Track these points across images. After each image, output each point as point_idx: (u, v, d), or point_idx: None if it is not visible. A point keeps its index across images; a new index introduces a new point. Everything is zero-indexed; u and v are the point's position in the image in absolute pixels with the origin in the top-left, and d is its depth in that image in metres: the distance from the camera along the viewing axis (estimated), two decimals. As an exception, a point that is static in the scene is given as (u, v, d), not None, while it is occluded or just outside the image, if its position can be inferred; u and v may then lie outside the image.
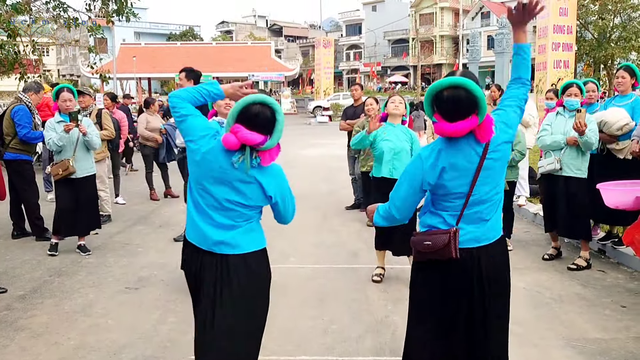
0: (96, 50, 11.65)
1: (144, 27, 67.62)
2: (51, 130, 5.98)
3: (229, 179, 2.60)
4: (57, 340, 4.09)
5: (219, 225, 2.65)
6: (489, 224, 2.71)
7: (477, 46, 40.28)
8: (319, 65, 33.78)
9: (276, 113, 2.59)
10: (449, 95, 2.51)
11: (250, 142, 2.51)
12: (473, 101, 2.49)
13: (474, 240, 2.68)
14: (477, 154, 2.59)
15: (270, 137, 2.57)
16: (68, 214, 6.07)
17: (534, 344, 4.00)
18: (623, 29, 18.74)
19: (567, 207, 5.60)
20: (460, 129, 2.49)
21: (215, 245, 2.66)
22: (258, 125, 2.54)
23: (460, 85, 2.49)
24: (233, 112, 2.56)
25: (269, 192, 2.66)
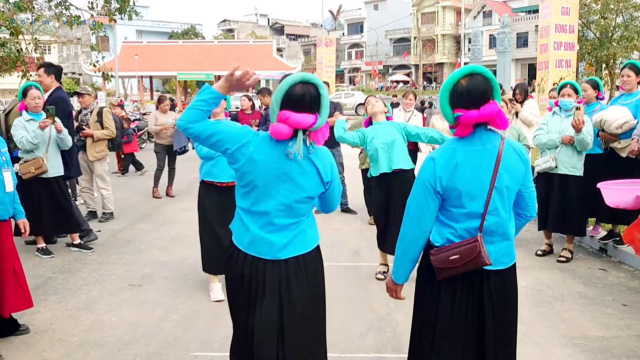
0: (98, 48, 11.69)
1: (146, 26, 67.64)
2: (21, 128, 5.74)
3: (285, 173, 2.46)
4: (60, 336, 4.11)
5: (281, 228, 2.52)
6: (506, 244, 2.54)
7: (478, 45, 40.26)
8: (320, 64, 33.79)
9: (319, 88, 2.46)
10: (469, 83, 2.42)
11: (303, 125, 2.39)
12: (490, 86, 2.44)
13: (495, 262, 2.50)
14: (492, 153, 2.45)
15: (320, 115, 2.46)
16: (37, 213, 5.75)
17: (536, 342, 4.01)
18: (625, 28, 18.71)
19: (561, 203, 5.71)
20: (487, 112, 2.37)
21: (280, 251, 2.52)
22: (306, 106, 2.41)
23: (475, 72, 2.44)
24: (276, 97, 2.42)
25: (326, 178, 2.56)
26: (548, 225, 5.94)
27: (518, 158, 2.52)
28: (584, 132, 5.36)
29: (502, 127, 2.45)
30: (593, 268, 5.69)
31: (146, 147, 16.91)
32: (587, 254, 6.22)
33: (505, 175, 2.47)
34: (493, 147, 2.46)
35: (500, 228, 2.52)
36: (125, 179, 11.21)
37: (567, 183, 5.70)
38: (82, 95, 7.66)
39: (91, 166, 7.65)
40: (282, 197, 2.49)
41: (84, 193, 7.79)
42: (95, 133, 7.46)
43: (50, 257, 6.04)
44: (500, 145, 2.47)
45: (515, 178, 2.51)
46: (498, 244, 2.53)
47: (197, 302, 4.78)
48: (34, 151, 5.82)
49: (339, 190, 2.72)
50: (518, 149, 2.54)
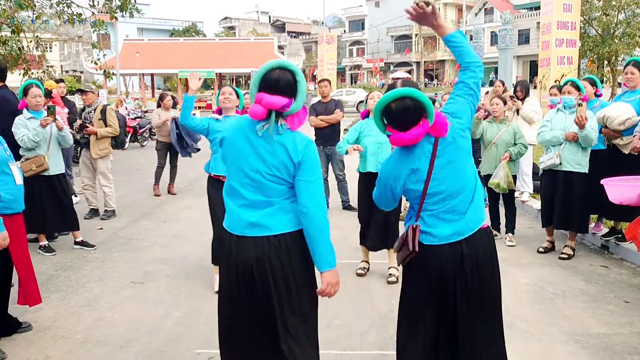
0: (99, 46, 11.68)
1: (147, 23, 67.61)
2: (22, 127, 5.74)
3: (253, 150, 2.60)
4: (63, 334, 4.12)
5: (252, 204, 2.62)
6: (467, 216, 2.69)
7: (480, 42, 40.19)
8: (321, 62, 33.70)
9: (296, 74, 2.59)
10: (397, 107, 2.55)
11: (275, 106, 2.53)
12: (420, 107, 2.54)
13: (457, 234, 2.67)
14: (428, 152, 2.62)
15: (295, 100, 2.59)
16: (38, 211, 5.80)
17: (537, 339, 4.02)
18: (627, 25, 18.65)
19: (565, 200, 5.73)
20: (415, 135, 2.54)
21: (247, 228, 2.61)
22: (280, 90, 2.55)
23: (404, 95, 2.54)
24: (254, 81, 2.58)
25: (295, 158, 2.57)
26: (554, 222, 5.94)
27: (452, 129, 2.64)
28: (588, 128, 5.37)
29: (439, 135, 2.57)
30: (595, 265, 5.68)
31: (147, 145, 16.92)
32: (588, 250, 6.21)
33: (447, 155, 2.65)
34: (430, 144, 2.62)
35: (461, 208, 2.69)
36: (127, 176, 11.22)
37: (571, 180, 5.71)
38: (85, 93, 7.66)
39: (94, 164, 7.65)
40: (248, 170, 2.61)
41: (87, 190, 7.80)
42: (99, 131, 7.46)
43: (52, 255, 6.05)
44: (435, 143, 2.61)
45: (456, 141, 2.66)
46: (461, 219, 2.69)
47: (199, 300, 4.79)
48: (35, 149, 5.82)
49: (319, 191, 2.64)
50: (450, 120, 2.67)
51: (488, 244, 2.75)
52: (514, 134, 6.38)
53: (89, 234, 6.92)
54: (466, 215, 2.68)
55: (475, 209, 2.71)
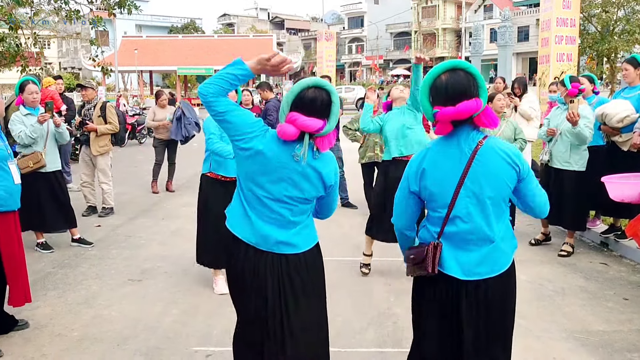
0: (97, 43, 11.65)
1: (145, 20, 67.45)
2: (19, 123, 5.71)
3: (288, 174, 2.48)
4: (60, 331, 4.10)
5: (278, 222, 2.53)
6: (484, 251, 2.39)
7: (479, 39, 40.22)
8: (320, 59, 33.65)
9: (332, 95, 2.47)
10: (448, 78, 2.33)
11: (310, 129, 2.40)
12: (473, 81, 2.33)
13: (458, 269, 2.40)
14: (465, 154, 2.35)
15: (328, 121, 2.47)
16: (36, 208, 5.81)
17: (537, 336, 4.00)
18: (627, 22, 18.61)
19: (557, 195, 5.76)
20: (463, 109, 2.27)
21: (275, 245, 2.53)
22: (316, 111, 2.43)
23: (457, 67, 2.35)
24: (288, 98, 2.45)
25: (329, 182, 2.56)
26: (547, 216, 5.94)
27: (502, 160, 2.34)
28: (581, 125, 5.34)
29: (489, 126, 2.34)
30: (594, 262, 5.67)
31: (146, 142, 16.89)
32: (588, 248, 6.20)
33: (482, 179, 2.34)
34: (469, 149, 2.34)
35: (476, 235, 2.38)
36: (125, 174, 11.19)
37: (561, 177, 5.80)
38: (85, 89, 7.62)
39: (94, 160, 7.63)
40: (281, 190, 2.50)
41: (85, 188, 7.78)
42: (98, 127, 7.44)
43: (50, 252, 6.03)
44: (476, 146, 2.34)
45: (496, 182, 2.35)
46: (474, 253, 2.39)
47: (197, 297, 4.77)
48: (32, 146, 5.79)
49: (336, 197, 2.75)
50: (503, 150, 2.36)
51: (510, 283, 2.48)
52: (514, 129, 6.38)
53: (86, 231, 6.90)
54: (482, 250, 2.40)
55: (504, 242, 2.43)
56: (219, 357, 3.71)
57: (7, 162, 3.98)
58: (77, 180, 8.71)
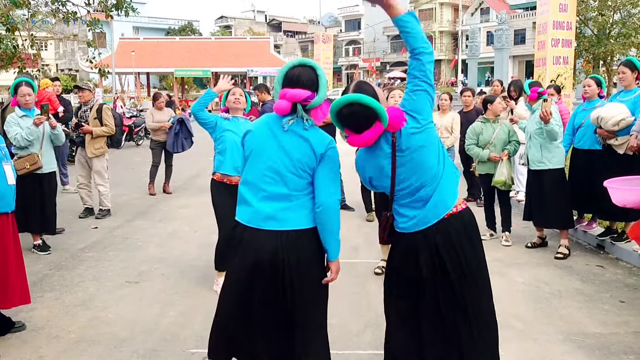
0: (95, 44, 11.62)
1: (142, 22, 67.38)
2: (14, 125, 5.70)
3: (278, 142, 2.72)
4: (57, 333, 4.10)
5: (271, 196, 2.71)
6: (430, 203, 2.69)
7: (476, 42, 40.30)
8: (318, 61, 33.71)
9: (316, 69, 2.75)
10: (347, 113, 2.58)
11: (299, 98, 2.66)
12: (370, 112, 2.54)
13: (423, 222, 2.70)
14: (388, 152, 2.66)
15: (317, 93, 2.72)
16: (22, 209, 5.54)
17: (534, 338, 4.01)
18: (623, 25, 18.67)
19: (539, 197, 5.99)
20: (369, 138, 2.58)
21: (263, 221, 2.71)
22: (302, 84, 2.69)
23: (353, 101, 2.55)
24: (278, 78, 2.74)
25: (318, 151, 2.70)
26: (534, 218, 6.20)
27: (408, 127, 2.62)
28: (552, 122, 5.60)
29: (394, 129, 2.58)
30: (590, 265, 5.69)
31: (143, 144, 16.88)
32: (584, 250, 6.22)
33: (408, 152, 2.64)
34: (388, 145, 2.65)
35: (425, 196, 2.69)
36: (121, 175, 11.18)
37: (541, 177, 5.97)
38: (82, 90, 7.61)
39: (90, 162, 7.63)
40: (272, 162, 2.72)
41: (81, 189, 7.77)
42: (94, 130, 7.43)
43: (47, 254, 6.02)
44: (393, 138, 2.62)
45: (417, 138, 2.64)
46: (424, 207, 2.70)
47: (195, 299, 4.77)
48: (28, 147, 5.78)
49: (337, 187, 2.79)
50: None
51: (462, 226, 2.73)
52: (508, 132, 6.43)
53: (83, 233, 6.90)
54: (430, 203, 2.68)
55: (441, 194, 2.70)
56: (216, 359, 3.70)
57: (1, 163, 3.95)
58: (74, 182, 8.70)
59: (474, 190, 8.58)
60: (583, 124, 6.15)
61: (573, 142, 6.40)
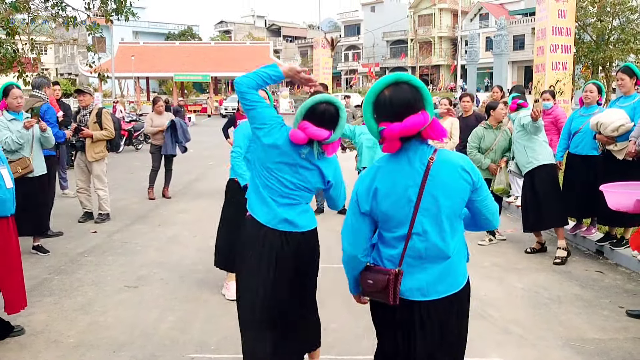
0: (94, 49, 11.65)
1: (142, 27, 67.53)
2: (4, 129, 5.60)
3: (294, 164, 2.95)
4: (56, 338, 4.09)
5: (283, 205, 2.99)
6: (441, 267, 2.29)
7: (475, 47, 40.33)
8: (317, 66, 33.71)
9: (340, 110, 2.91)
10: (392, 93, 2.20)
11: (318, 138, 2.84)
12: (418, 94, 2.20)
13: (419, 291, 2.28)
14: (418, 172, 2.22)
15: (334, 132, 2.91)
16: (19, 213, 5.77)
17: (533, 344, 4.01)
18: (622, 31, 18.75)
19: (532, 198, 6.10)
20: (411, 124, 2.15)
21: (280, 223, 2.97)
22: (324, 122, 2.87)
23: (400, 80, 2.21)
24: (302, 109, 2.89)
25: (328, 177, 3.05)
26: (531, 224, 6.21)
27: (456, 174, 2.24)
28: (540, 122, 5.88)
29: (437, 138, 2.24)
30: (590, 270, 5.69)
31: (142, 148, 16.89)
32: (583, 256, 6.22)
33: (438, 196, 2.22)
34: (421, 165, 2.22)
35: (432, 253, 2.27)
36: (121, 180, 11.18)
37: (532, 177, 6.05)
38: (83, 94, 7.62)
39: (89, 167, 7.63)
40: (289, 179, 2.97)
41: (81, 194, 7.77)
42: (94, 134, 7.44)
43: (46, 255, 6.02)
44: (429, 162, 2.22)
45: (451, 197, 2.24)
46: (430, 270, 2.28)
47: (194, 304, 4.76)
48: (18, 151, 5.70)
49: (342, 193, 3.24)
50: (456, 163, 2.26)
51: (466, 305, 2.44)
52: (509, 138, 6.45)
53: (82, 238, 6.90)
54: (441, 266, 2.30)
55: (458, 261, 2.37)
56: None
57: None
58: (73, 187, 8.70)
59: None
60: (581, 130, 6.16)
61: (569, 147, 6.42)
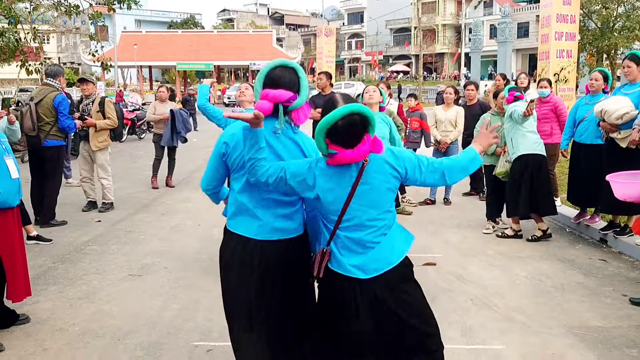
0: (97, 38, 11.64)
1: (145, 15, 67.40)
2: None
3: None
4: (61, 326, 4.12)
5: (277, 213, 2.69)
6: (374, 252, 2.53)
7: (479, 35, 40.19)
8: (320, 54, 33.59)
9: (297, 71, 2.70)
10: (345, 124, 2.42)
11: (281, 99, 2.61)
12: (366, 122, 2.45)
13: (359, 268, 2.52)
14: (352, 175, 2.51)
15: (299, 94, 2.67)
16: None
17: (536, 332, 4.02)
18: (627, 18, 18.63)
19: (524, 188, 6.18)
20: (362, 153, 2.45)
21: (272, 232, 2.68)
22: (284, 85, 2.64)
23: (353, 112, 2.42)
24: (259, 79, 2.68)
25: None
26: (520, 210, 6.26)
27: (385, 173, 2.52)
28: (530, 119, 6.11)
29: (377, 152, 2.50)
30: (593, 258, 5.69)
31: (145, 137, 16.89)
32: (587, 244, 6.22)
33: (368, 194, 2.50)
34: (356, 168, 2.51)
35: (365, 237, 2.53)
36: (124, 169, 11.20)
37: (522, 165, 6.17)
38: (86, 82, 7.62)
39: (93, 156, 7.64)
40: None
41: (85, 183, 7.79)
42: (97, 123, 7.44)
43: (49, 244, 6.06)
44: (362, 166, 2.49)
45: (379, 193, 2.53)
46: (367, 253, 2.53)
47: (197, 292, 4.78)
48: None
49: None
50: (386, 162, 2.53)
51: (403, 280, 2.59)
52: None
53: (87, 227, 6.92)
54: (373, 252, 2.54)
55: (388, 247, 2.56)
56: (219, 352, 3.72)
57: (2, 158, 3.96)
58: (77, 176, 8.72)
59: (476, 184, 8.58)
60: (586, 118, 6.14)
61: (574, 136, 6.40)
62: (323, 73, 8.66)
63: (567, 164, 6.57)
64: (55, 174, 7.06)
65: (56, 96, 6.85)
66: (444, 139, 7.99)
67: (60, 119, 6.84)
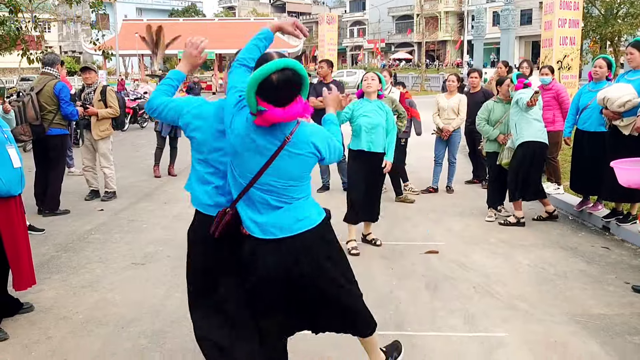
0: (98, 26, 11.59)
1: (146, 3, 67.13)
2: None
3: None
4: (65, 314, 4.13)
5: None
6: (276, 215, 2.56)
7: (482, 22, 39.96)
8: (322, 42, 33.40)
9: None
10: (279, 78, 2.32)
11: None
12: (299, 81, 2.39)
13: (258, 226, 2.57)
14: (276, 143, 2.47)
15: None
16: None
17: (538, 319, 4.03)
18: (630, 5, 18.49)
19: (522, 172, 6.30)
20: (293, 113, 2.38)
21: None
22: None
23: (286, 67, 2.34)
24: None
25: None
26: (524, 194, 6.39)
27: (306, 150, 2.54)
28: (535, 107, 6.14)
29: (305, 117, 2.52)
30: (596, 246, 5.69)
31: (147, 126, 16.88)
32: (590, 232, 6.21)
33: (285, 167, 2.51)
34: (282, 135, 2.47)
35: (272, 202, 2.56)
36: (126, 158, 11.20)
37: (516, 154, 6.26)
38: (89, 71, 7.60)
39: (95, 145, 7.64)
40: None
41: (87, 172, 7.79)
42: (99, 111, 7.43)
43: (57, 233, 6.08)
44: (288, 136, 2.47)
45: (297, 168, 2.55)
46: (270, 214, 2.56)
47: (200, 281, 4.79)
48: None
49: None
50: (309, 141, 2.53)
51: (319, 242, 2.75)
52: None
53: (89, 215, 6.93)
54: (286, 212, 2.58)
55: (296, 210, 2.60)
56: (222, 339, 3.73)
57: (4, 147, 3.95)
58: (79, 165, 8.72)
59: (479, 172, 8.57)
60: (589, 106, 6.11)
61: (577, 123, 6.37)
62: (324, 61, 8.58)
63: (569, 151, 6.55)
64: (59, 162, 7.10)
65: (56, 84, 6.85)
66: (446, 127, 7.96)
67: (62, 106, 6.85)
